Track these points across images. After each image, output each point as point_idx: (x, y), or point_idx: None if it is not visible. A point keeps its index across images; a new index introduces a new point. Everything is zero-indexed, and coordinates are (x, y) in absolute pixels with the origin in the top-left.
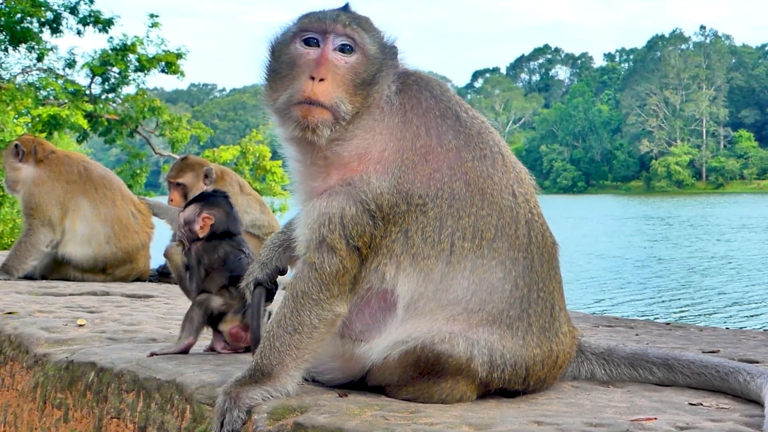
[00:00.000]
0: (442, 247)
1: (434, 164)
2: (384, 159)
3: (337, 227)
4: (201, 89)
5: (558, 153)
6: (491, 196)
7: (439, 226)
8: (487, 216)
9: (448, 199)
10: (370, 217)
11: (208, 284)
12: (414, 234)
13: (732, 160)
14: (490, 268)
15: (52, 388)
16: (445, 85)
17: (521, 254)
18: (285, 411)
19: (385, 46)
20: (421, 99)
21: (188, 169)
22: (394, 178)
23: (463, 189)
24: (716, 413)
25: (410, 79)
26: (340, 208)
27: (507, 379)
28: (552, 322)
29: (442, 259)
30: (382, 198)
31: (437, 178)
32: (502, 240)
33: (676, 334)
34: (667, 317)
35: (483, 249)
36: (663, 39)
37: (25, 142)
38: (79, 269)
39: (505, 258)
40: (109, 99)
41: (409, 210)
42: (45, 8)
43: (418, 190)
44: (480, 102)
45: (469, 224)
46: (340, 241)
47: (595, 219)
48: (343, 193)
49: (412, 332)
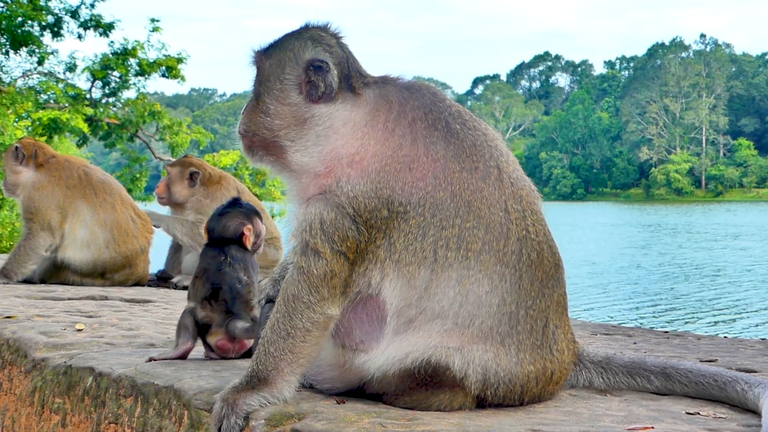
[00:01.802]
0: (425, 255)
1: (418, 173)
2: (356, 163)
3: (317, 232)
4: (201, 94)
5: (557, 160)
6: (478, 209)
7: (421, 234)
8: (472, 228)
9: (431, 208)
10: (351, 222)
11: (195, 293)
12: (396, 241)
13: (731, 168)
14: (477, 280)
15: (50, 393)
16: (440, 93)
17: (508, 270)
18: (282, 417)
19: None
20: (407, 108)
21: (179, 164)
22: (371, 182)
23: (448, 200)
24: (713, 423)
25: (395, 87)
26: (318, 214)
27: (501, 395)
28: (544, 340)
29: (426, 266)
30: (358, 201)
31: (420, 186)
32: (489, 254)
33: (674, 343)
34: (663, 326)
35: (470, 260)
36: (663, 47)
37: (26, 146)
38: (78, 274)
39: (492, 272)
40: (109, 103)
41: (390, 216)
42: (46, 12)
43: (399, 197)
44: (480, 109)
45: (453, 235)
46: (323, 245)
47: (594, 226)
48: (321, 200)
49: (410, 349)
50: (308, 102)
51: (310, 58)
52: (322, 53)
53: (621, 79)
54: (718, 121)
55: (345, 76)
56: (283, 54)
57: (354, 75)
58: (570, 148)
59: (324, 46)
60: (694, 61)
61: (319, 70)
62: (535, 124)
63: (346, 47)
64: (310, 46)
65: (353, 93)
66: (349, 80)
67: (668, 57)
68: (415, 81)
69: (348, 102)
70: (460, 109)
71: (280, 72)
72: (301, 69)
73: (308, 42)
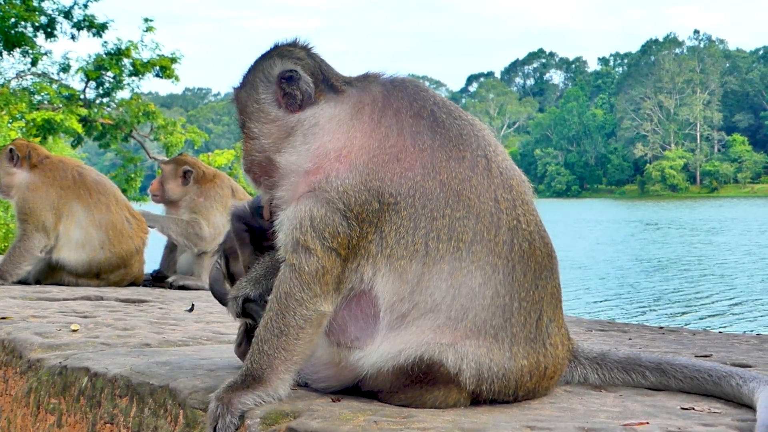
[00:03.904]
0: (417, 248)
1: (406, 163)
2: (344, 157)
3: (308, 229)
4: (195, 93)
5: (552, 157)
6: (468, 199)
7: (413, 227)
8: (463, 219)
9: (421, 198)
10: (342, 218)
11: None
12: (388, 234)
13: (726, 164)
14: (470, 272)
15: (46, 394)
16: (423, 86)
17: (501, 261)
18: (278, 416)
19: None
20: (391, 100)
21: (172, 163)
22: (360, 175)
23: (437, 189)
24: (708, 418)
25: (378, 82)
26: (308, 211)
27: (496, 391)
28: (538, 334)
29: (417, 260)
30: (348, 196)
31: (409, 176)
32: (480, 244)
33: (669, 338)
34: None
35: (461, 252)
36: (657, 43)
37: (20, 147)
38: (73, 274)
39: (484, 263)
40: (103, 103)
41: (382, 208)
42: (39, 13)
43: (389, 188)
44: (474, 106)
45: (443, 225)
46: (314, 242)
47: (590, 223)
48: (311, 197)
49: (403, 346)
50: (290, 113)
51: (279, 72)
52: (292, 64)
53: (615, 75)
54: (713, 116)
55: (322, 79)
56: (254, 77)
57: (332, 76)
58: (565, 145)
59: (293, 59)
60: (688, 57)
61: (291, 81)
62: (529, 121)
63: (318, 56)
64: (279, 61)
65: (335, 92)
66: (328, 82)
67: (662, 53)
68: (397, 75)
69: (331, 100)
70: (444, 99)
71: (255, 94)
72: (274, 84)
73: (276, 58)
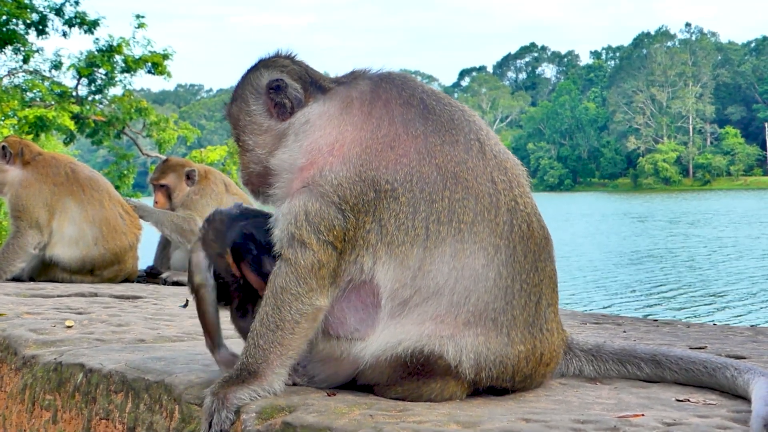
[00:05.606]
0: (417, 232)
1: (400, 150)
2: (336, 151)
3: (303, 223)
4: (188, 90)
5: (545, 151)
6: (465, 180)
7: (412, 211)
8: (462, 200)
9: (419, 183)
10: (337, 211)
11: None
12: (387, 222)
13: (719, 156)
14: (472, 252)
15: (41, 390)
16: (410, 77)
17: (503, 242)
18: (273, 410)
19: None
20: (380, 92)
21: (170, 171)
22: (353, 167)
23: (434, 173)
24: (703, 409)
25: (365, 77)
26: (303, 205)
27: (495, 377)
28: (536, 318)
29: (418, 244)
30: (343, 188)
31: (404, 163)
32: (482, 224)
33: (664, 331)
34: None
35: (463, 233)
36: (649, 36)
37: (12, 144)
38: (67, 271)
39: (487, 244)
40: (95, 100)
41: (379, 197)
42: (30, 10)
43: (385, 176)
44: (467, 100)
45: (443, 208)
46: (309, 236)
47: (582, 216)
48: (305, 192)
49: (403, 336)
50: (281, 121)
51: (267, 82)
52: (278, 73)
53: (607, 69)
54: (705, 109)
55: (309, 82)
56: (243, 91)
57: (319, 78)
58: (557, 139)
59: (278, 68)
60: (680, 50)
61: (278, 90)
62: (522, 115)
63: (302, 63)
64: (265, 72)
65: (324, 92)
66: (316, 84)
67: (654, 46)
68: (383, 70)
69: (320, 99)
70: (433, 89)
71: (246, 107)
72: (264, 95)
73: (262, 70)
